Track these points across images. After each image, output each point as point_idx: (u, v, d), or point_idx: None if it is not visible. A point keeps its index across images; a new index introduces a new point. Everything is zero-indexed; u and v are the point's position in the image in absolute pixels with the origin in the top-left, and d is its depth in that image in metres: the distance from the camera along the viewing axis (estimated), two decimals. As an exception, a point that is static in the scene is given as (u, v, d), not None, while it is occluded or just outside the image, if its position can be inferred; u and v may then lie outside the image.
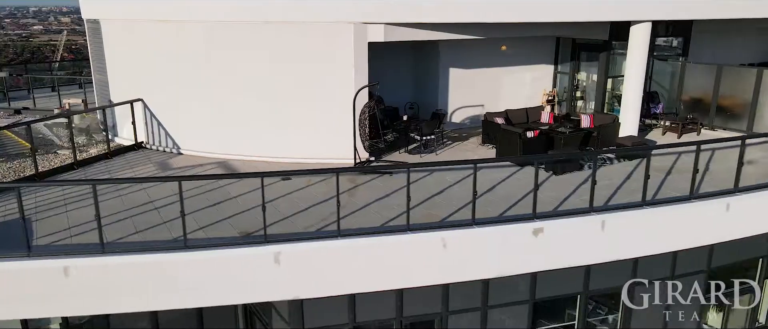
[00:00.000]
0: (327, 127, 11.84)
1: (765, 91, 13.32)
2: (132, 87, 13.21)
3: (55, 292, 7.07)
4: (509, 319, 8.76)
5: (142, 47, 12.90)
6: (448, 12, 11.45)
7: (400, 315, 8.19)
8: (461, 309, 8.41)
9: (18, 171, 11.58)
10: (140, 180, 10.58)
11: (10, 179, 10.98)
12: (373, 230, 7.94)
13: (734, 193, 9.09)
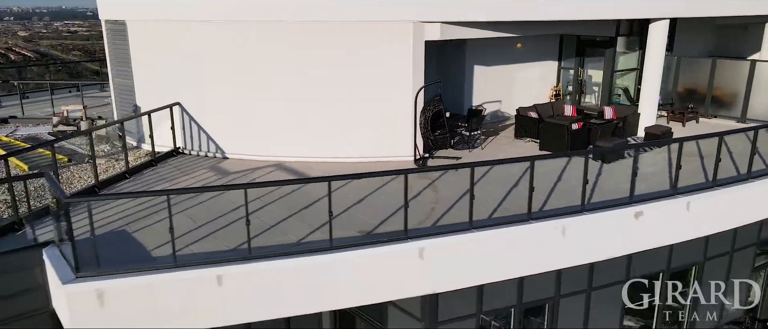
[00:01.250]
0: (383, 126, 12.00)
1: (757, 81, 14.86)
2: (165, 91, 12.70)
3: (208, 302, 6.89)
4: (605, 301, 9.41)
5: (180, 49, 12.47)
6: (502, 10, 11.95)
7: (520, 302, 8.59)
8: (570, 292, 8.94)
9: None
10: (245, 186, 10.03)
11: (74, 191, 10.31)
12: (499, 220, 8.27)
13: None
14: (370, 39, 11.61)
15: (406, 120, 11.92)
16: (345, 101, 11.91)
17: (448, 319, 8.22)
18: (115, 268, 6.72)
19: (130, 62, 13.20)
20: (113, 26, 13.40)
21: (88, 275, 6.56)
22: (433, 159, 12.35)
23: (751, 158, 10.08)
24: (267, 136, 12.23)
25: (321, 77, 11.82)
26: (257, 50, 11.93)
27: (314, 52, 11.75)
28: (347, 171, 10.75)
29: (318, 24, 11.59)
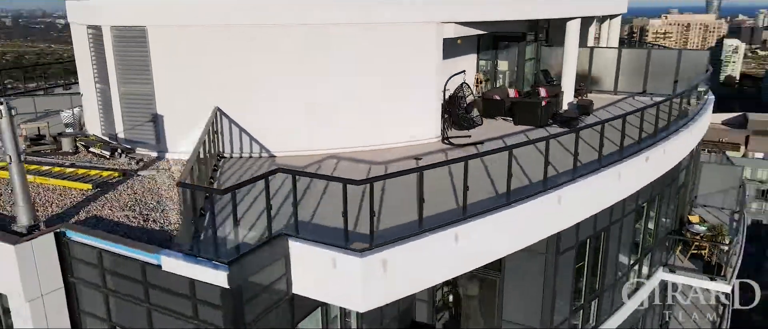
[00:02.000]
0: (417, 114, 13.94)
1: (624, 63, 20.26)
2: (198, 96, 12.75)
3: (447, 256, 8.45)
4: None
5: (218, 53, 12.64)
6: (505, 10, 14.79)
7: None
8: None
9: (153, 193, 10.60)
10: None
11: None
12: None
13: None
14: (402, 37, 13.41)
15: (434, 107, 14.05)
16: (386, 94, 13.51)
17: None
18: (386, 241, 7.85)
19: (150, 69, 12.77)
20: (125, 32, 12.72)
21: (369, 249, 7.61)
22: (453, 139, 14.68)
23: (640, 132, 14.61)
24: (314, 131, 13.18)
25: (355, 73, 13.18)
26: (300, 53, 12.80)
27: (349, 52, 13.07)
28: (393, 154, 12.63)
29: (356, 26, 12.97)
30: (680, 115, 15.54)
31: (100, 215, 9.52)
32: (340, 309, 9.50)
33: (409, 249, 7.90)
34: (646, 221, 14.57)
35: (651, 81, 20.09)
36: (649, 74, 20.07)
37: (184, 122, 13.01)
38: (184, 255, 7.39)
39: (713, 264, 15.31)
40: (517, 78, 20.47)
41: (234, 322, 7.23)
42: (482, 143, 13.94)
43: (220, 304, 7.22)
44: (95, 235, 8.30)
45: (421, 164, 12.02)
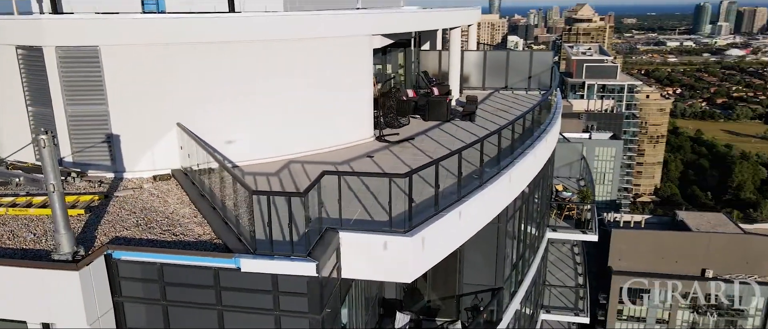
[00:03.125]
0: (355, 117, 15.64)
1: (488, 63, 24.06)
2: (157, 114, 12.97)
3: (454, 230, 10.53)
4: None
5: (175, 71, 12.92)
6: (411, 23, 17.05)
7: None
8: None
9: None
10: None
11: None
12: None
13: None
14: (340, 49, 14.99)
15: (369, 110, 15.87)
16: (327, 101, 14.96)
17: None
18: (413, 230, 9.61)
19: (104, 88, 12.57)
20: (73, 52, 12.31)
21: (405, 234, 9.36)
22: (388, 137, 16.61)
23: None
24: (268, 141, 14.13)
25: (307, 84, 14.47)
26: (252, 66, 13.66)
27: (301, 65, 14.33)
28: (346, 154, 14.33)
29: (303, 41, 14.25)
30: (546, 107, 19.49)
31: (124, 236, 9.70)
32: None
33: (434, 227, 9.79)
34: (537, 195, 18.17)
35: (510, 77, 24.22)
36: (509, 72, 24.18)
37: (143, 140, 13.08)
38: (268, 255, 8.38)
39: (583, 221, 19.62)
40: (406, 79, 23.09)
41: (319, 306, 8.46)
42: (413, 139, 16.16)
43: (306, 292, 8.40)
44: (154, 251, 8.73)
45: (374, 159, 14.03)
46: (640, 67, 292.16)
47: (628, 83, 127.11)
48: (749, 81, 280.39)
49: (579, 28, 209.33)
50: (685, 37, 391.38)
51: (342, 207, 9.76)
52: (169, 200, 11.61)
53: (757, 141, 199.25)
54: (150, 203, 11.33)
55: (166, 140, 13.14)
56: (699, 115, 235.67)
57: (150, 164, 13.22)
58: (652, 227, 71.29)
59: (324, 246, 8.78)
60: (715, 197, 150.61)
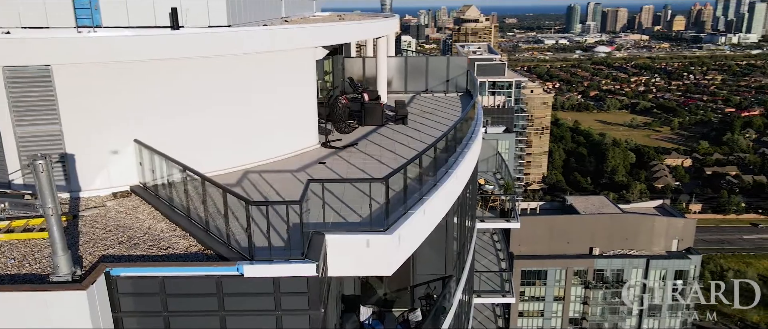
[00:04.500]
0: (303, 125, 16.40)
1: (409, 69, 25.62)
2: (113, 130, 13.00)
3: (420, 225, 11.75)
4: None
5: (127, 88, 13.01)
6: (345, 35, 18.03)
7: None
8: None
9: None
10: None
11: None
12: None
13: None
14: (289, 62, 15.70)
15: (314, 118, 16.69)
16: (278, 111, 15.61)
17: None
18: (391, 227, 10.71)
19: (56, 107, 12.38)
20: (23, 72, 12.00)
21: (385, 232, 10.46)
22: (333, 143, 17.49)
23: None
24: (224, 153, 14.53)
25: (258, 96, 15.05)
26: (206, 81, 14.03)
27: (253, 78, 14.89)
28: (300, 161, 15.14)
29: (255, 55, 14.81)
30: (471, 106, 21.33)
31: (112, 254, 9.90)
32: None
33: (407, 224, 10.95)
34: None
35: (430, 81, 25.96)
36: (429, 76, 25.90)
37: (99, 158, 13.02)
38: (268, 260, 9.10)
39: (506, 210, 21.69)
40: (334, 85, 24.01)
41: (318, 302, 9.32)
42: (356, 144, 17.22)
43: (306, 290, 9.22)
44: (154, 265, 9.11)
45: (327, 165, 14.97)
46: (523, 64, 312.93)
47: (515, 79, 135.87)
48: (616, 75, 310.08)
49: (467, 28, 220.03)
50: (560, 36, 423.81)
51: (319, 212, 10.63)
52: (140, 216, 11.78)
53: (624, 129, 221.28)
54: (122, 221, 11.45)
55: (124, 156, 13.17)
56: (576, 107, 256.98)
57: (106, 181, 13.17)
58: (545, 212, 77.56)
59: (316, 248, 9.64)
60: (594, 182, 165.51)
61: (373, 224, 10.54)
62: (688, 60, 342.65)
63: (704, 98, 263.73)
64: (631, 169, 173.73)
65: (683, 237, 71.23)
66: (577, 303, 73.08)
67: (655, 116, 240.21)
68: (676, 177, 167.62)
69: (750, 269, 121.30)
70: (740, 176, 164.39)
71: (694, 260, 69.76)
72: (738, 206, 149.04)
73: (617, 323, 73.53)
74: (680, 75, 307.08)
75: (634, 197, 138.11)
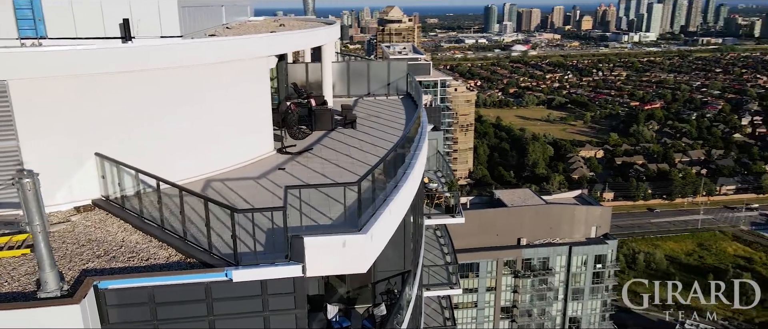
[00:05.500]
0: (259, 132, 16.74)
1: (352, 73, 26.35)
2: (73, 145, 12.91)
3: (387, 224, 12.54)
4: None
5: (87, 102, 12.94)
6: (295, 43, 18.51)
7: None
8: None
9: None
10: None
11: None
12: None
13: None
14: (245, 71, 16.02)
15: (269, 125, 17.08)
16: (236, 120, 15.89)
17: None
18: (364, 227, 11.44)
19: (13, 123, 12.14)
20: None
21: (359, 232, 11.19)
22: (289, 148, 17.88)
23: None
24: (185, 162, 14.67)
25: (216, 105, 15.28)
26: (165, 92, 14.13)
27: (211, 87, 15.09)
28: (259, 168, 15.56)
29: (213, 65, 15.04)
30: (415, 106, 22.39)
31: (94, 268, 9.99)
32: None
33: (376, 224, 11.71)
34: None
35: (372, 85, 26.80)
36: (370, 80, 26.74)
37: (59, 173, 12.85)
38: (255, 265, 9.59)
39: (451, 206, 22.90)
40: (279, 91, 24.33)
41: (303, 300, 9.91)
42: (311, 149, 17.77)
43: (293, 291, 9.79)
44: (142, 276, 9.36)
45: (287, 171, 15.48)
46: (446, 63, 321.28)
47: (441, 78, 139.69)
48: (532, 72, 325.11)
49: (391, 29, 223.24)
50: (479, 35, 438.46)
51: (293, 215, 11.18)
52: (111, 229, 11.82)
53: (542, 124, 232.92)
54: (93, 235, 11.46)
55: (85, 170, 13.07)
56: (497, 104, 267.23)
57: (68, 196, 13.02)
58: (475, 207, 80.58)
59: (298, 250, 10.21)
60: (517, 175, 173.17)
61: (347, 225, 11.22)
62: (596, 57, 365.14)
63: (612, 92, 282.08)
64: (550, 161, 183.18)
65: (601, 224, 76.45)
66: (508, 292, 76.64)
67: (570, 111, 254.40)
68: (590, 168, 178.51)
69: (658, 250, 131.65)
70: (646, 165, 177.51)
71: (611, 244, 75.08)
72: (645, 193, 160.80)
73: (545, 308, 77.77)
74: (590, 72, 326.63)
75: (553, 188, 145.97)
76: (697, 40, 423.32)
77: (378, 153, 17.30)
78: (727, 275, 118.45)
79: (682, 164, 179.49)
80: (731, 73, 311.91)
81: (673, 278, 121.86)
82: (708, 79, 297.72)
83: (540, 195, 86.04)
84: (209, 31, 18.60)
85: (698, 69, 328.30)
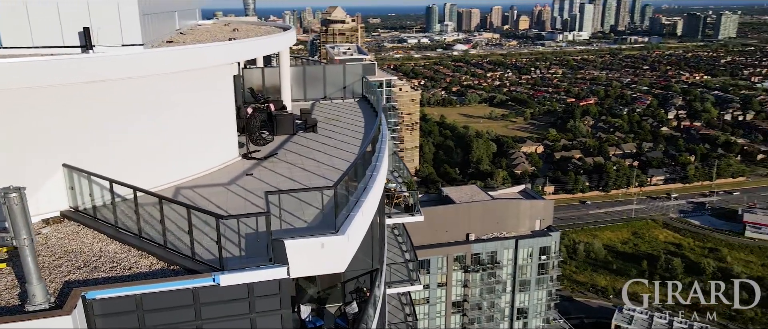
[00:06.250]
0: (225, 139, 16.90)
1: (308, 77, 26.65)
2: (38, 156, 12.79)
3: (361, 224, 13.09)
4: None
5: (52, 113, 12.83)
6: (254, 51, 18.75)
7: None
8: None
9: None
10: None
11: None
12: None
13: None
14: (211, 79, 16.16)
15: (233, 132, 17.26)
16: (203, 127, 16.02)
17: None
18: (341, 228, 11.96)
19: (-22, 134, 11.91)
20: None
21: (337, 233, 11.71)
22: (253, 154, 18.09)
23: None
24: (155, 172, 14.71)
25: (184, 113, 15.37)
26: (133, 101, 14.14)
27: (178, 95, 15.18)
28: (229, 174, 15.80)
29: (180, 73, 15.12)
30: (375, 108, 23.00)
31: (77, 279, 10.04)
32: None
33: (351, 225, 12.24)
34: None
35: (327, 88, 27.22)
36: (326, 84, 27.15)
37: (26, 185, 12.60)
38: (241, 269, 9.94)
39: (410, 205, 23.64)
40: (236, 96, 24.35)
41: (288, 301, 10.33)
42: (276, 154, 18.06)
43: (278, 292, 10.20)
44: (130, 284, 9.52)
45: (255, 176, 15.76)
46: (390, 63, 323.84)
47: (386, 78, 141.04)
48: (474, 71, 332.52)
49: (334, 29, 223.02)
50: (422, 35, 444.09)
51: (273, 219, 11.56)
52: (85, 240, 11.80)
53: (485, 121, 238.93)
54: (68, 246, 11.43)
55: (52, 182, 12.92)
56: (441, 102, 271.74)
57: (34, 209, 12.73)
58: (424, 204, 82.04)
59: (280, 253, 10.61)
60: (462, 172, 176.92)
61: (323, 227, 11.70)
62: (534, 56, 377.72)
63: (550, 90, 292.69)
64: (493, 158, 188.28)
65: (544, 217, 79.65)
66: (459, 287, 78.61)
67: (510, 108, 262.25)
68: (531, 163, 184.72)
69: (596, 240, 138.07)
70: (583, 159, 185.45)
71: (554, 236, 78.35)
72: (583, 185, 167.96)
73: (494, 301, 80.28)
74: (528, 70, 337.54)
75: (498, 183, 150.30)
76: (626, 38, 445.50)
77: (342, 156, 17.91)
78: (659, 260, 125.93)
79: (615, 157, 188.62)
80: (657, 70, 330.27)
81: (610, 266, 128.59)
82: (637, 76, 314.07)
83: (486, 191, 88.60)
84: (166, 37, 18.53)
85: (628, 66, 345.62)
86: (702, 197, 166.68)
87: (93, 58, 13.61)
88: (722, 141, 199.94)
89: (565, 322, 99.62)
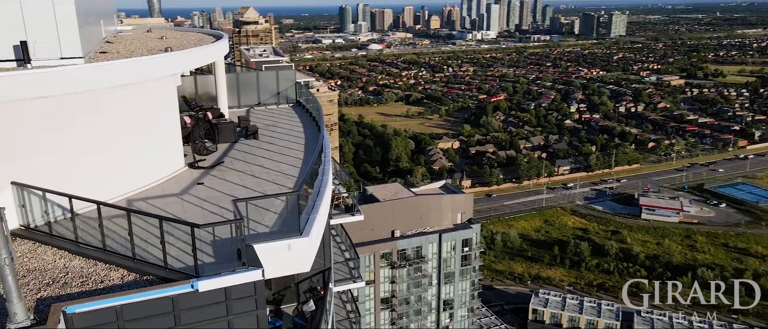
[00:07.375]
0: (171, 150, 17.00)
1: (241, 84, 26.79)
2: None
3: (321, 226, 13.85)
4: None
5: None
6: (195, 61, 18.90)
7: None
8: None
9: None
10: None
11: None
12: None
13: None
14: (155, 90, 16.23)
15: (179, 142, 17.39)
16: (150, 138, 16.07)
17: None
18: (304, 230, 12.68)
19: None
20: None
21: (302, 235, 12.44)
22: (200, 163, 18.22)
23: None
24: (101, 185, 14.58)
25: (129, 126, 15.37)
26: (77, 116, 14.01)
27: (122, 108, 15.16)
28: (178, 184, 16.03)
29: (124, 87, 15.12)
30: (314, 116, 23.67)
31: (49, 297, 10.10)
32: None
33: (313, 228, 12.99)
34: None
35: (261, 94, 27.51)
36: (260, 90, 27.43)
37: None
38: (217, 274, 10.46)
39: (350, 206, 24.48)
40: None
41: (263, 301, 10.95)
42: (222, 163, 18.33)
43: (253, 294, 10.80)
44: (109, 297, 9.78)
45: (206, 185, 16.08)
46: (305, 64, 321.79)
47: (303, 79, 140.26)
48: (389, 70, 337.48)
49: (248, 31, 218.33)
50: (336, 35, 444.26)
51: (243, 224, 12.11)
52: (46, 257, 11.73)
53: (402, 119, 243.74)
54: (30, 265, 11.34)
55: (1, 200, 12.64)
56: (358, 102, 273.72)
57: (-16, 227, 12.49)
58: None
59: (252, 257, 11.20)
60: (383, 170, 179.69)
61: (289, 229, 12.37)
62: (446, 55, 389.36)
63: (462, 87, 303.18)
64: (412, 155, 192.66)
65: (465, 210, 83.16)
66: (387, 284, 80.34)
67: (426, 106, 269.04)
68: (448, 158, 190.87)
69: (512, 230, 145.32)
70: (496, 153, 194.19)
71: (475, 228, 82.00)
72: (497, 178, 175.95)
73: (421, 295, 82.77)
74: (441, 68, 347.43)
75: (417, 180, 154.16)
76: (530, 37, 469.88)
77: (288, 161, 18.49)
78: (569, 245, 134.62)
79: (526, 149, 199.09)
80: (559, 67, 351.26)
81: (525, 253, 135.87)
82: (541, 73, 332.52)
83: (409, 188, 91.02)
84: (97, 47, 18.25)
85: (532, 63, 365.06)
86: (603, 184, 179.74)
87: (32, 74, 13.39)
88: (618, 132, 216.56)
89: (487, 310, 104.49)
